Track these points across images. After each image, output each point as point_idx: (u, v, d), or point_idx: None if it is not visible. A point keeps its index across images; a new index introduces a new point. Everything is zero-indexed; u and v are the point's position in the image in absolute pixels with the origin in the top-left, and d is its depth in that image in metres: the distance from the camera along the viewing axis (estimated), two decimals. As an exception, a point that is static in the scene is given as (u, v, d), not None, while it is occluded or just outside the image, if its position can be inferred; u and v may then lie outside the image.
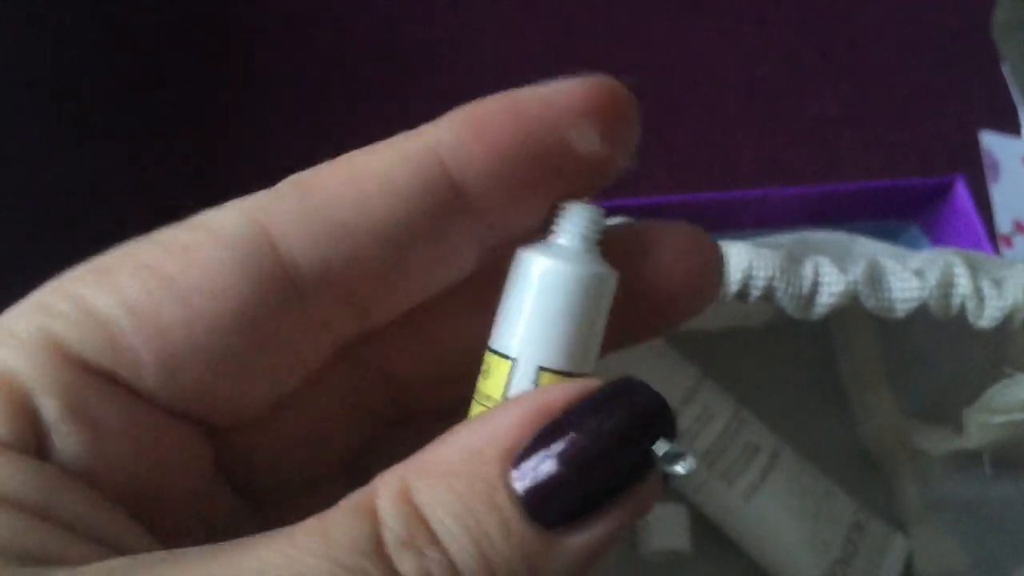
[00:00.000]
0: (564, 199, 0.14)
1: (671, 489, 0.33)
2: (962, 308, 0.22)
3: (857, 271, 0.22)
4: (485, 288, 0.14)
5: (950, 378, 0.30)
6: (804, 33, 0.49)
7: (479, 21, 0.48)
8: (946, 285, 0.22)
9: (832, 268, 0.22)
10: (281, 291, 0.12)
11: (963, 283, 0.22)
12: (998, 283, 0.22)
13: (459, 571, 0.11)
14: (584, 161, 0.13)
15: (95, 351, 0.12)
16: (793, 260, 0.23)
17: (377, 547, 0.11)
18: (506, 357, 0.13)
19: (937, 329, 0.30)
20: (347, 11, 0.48)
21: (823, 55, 0.49)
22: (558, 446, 0.12)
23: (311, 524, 0.11)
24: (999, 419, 0.24)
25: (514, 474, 0.11)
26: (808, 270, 0.22)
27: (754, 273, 0.22)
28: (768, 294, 0.22)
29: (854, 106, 0.48)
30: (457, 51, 0.47)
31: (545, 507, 0.11)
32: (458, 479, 0.12)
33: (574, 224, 0.14)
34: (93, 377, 0.12)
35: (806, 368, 0.35)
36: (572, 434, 0.12)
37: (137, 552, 0.11)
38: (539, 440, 0.12)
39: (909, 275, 0.22)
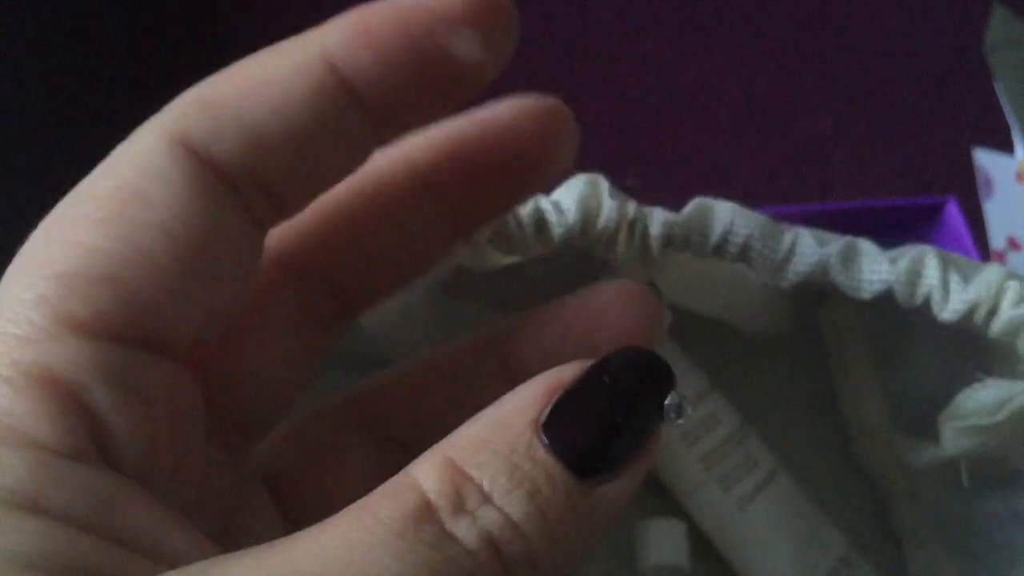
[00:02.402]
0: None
1: (669, 503, 0.34)
2: (927, 298, 0.23)
3: (833, 247, 0.23)
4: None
5: (943, 395, 0.30)
6: (800, 50, 0.50)
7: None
8: (914, 273, 0.23)
9: (810, 240, 0.23)
10: (205, 189, 0.13)
11: (932, 274, 0.22)
12: (966, 279, 0.22)
13: (519, 527, 0.12)
14: (464, 65, 0.14)
15: (110, 312, 0.12)
16: (775, 227, 0.23)
17: (429, 516, 0.11)
18: None
19: (932, 346, 0.30)
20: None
21: (819, 72, 0.49)
22: (580, 411, 0.13)
23: (351, 512, 0.11)
24: (968, 423, 0.25)
25: (544, 438, 0.12)
26: (787, 238, 0.23)
27: (734, 230, 0.22)
28: (744, 253, 0.23)
29: (849, 123, 0.48)
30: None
31: (578, 462, 0.12)
32: (496, 445, 0.12)
33: None
34: (123, 345, 0.13)
35: (801, 387, 0.35)
36: (590, 400, 0.13)
37: (190, 560, 0.11)
38: (560, 408, 0.13)
39: (882, 259, 0.23)
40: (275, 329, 0.16)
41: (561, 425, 0.13)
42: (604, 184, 0.23)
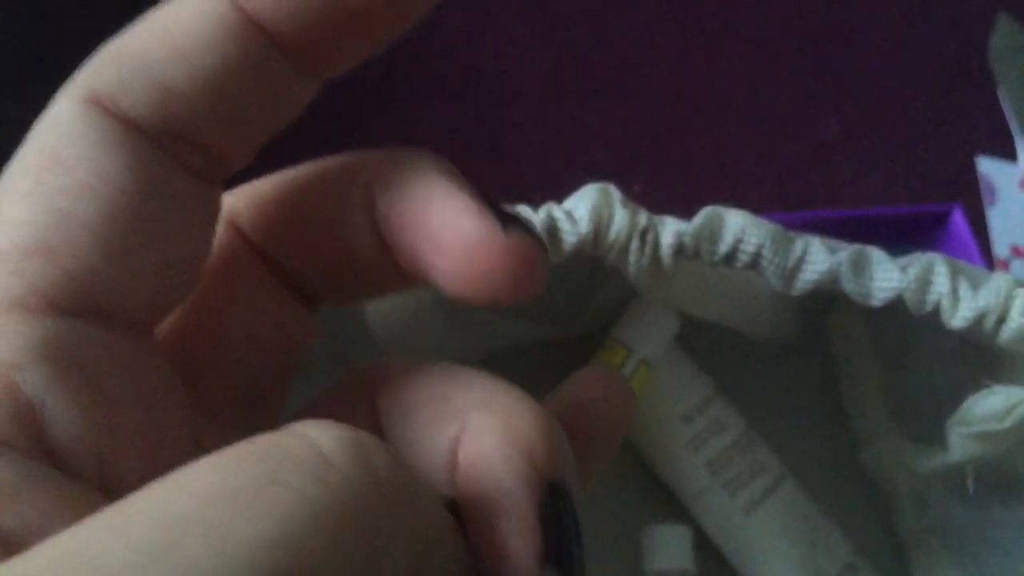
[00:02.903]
0: None
1: (675, 508, 0.34)
2: (937, 306, 0.23)
3: (843, 255, 0.23)
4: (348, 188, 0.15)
5: (950, 401, 0.31)
6: (807, 57, 0.50)
7: (485, 46, 0.49)
8: (924, 281, 0.23)
9: (821, 248, 0.23)
10: (123, 144, 0.12)
11: (941, 282, 0.23)
12: (975, 287, 0.23)
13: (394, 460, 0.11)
14: (381, 3, 0.13)
15: (48, 284, 0.12)
16: (785, 235, 0.23)
17: (291, 431, 0.10)
18: None
19: (939, 353, 0.30)
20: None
21: (826, 79, 0.50)
22: None
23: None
24: (976, 429, 0.25)
25: None
26: (798, 246, 0.23)
27: (745, 239, 0.23)
28: (755, 262, 0.23)
29: (856, 130, 0.48)
30: (462, 73, 0.48)
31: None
32: None
33: None
34: (68, 319, 0.12)
35: (808, 394, 0.36)
36: None
37: None
38: None
39: (893, 267, 0.23)
40: (248, 297, 0.15)
41: None
42: (616, 194, 0.23)
